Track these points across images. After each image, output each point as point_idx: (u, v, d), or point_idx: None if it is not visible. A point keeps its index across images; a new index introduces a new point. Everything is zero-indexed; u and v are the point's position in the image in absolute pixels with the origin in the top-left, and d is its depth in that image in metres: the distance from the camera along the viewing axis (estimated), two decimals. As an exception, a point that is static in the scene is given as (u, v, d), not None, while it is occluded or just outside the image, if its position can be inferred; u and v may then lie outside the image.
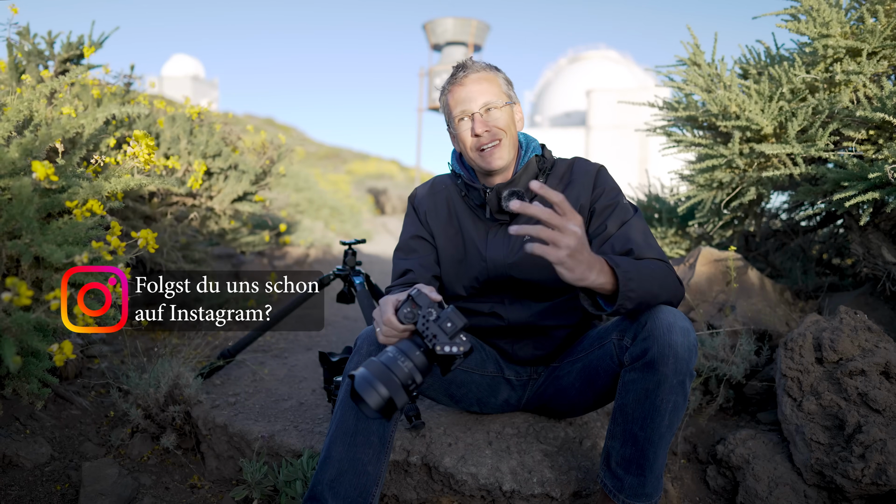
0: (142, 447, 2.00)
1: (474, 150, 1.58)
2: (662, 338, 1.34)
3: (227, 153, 3.44)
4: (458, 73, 1.59)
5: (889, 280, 2.27)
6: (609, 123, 23.63)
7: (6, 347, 1.26)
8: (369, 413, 1.20)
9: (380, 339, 1.33)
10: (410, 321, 1.27)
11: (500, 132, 1.56)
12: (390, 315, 1.29)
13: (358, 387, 1.19)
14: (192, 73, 35.02)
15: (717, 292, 2.48)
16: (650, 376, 1.36)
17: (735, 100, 2.37)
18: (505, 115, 1.57)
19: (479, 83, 1.56)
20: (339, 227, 9.87)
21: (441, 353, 1.23)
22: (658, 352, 1.34)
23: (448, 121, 1.64)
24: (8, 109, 1.60)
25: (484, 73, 1.58)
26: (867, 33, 2.20)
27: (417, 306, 1.27)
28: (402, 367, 1.21)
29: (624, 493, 1.45)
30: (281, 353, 2.91)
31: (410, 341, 1.27)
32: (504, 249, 1.63)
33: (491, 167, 1.58)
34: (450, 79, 1.61)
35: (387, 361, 1.22)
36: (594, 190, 1.61)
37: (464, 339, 1.24)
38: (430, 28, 21.81)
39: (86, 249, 1.46)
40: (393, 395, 1.19)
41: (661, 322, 1.35)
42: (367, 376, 1.19)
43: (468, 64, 1.60)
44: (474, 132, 1.55)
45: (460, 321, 1.24)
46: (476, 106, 1.55)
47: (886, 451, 1.55)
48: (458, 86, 1.58)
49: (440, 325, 1.24)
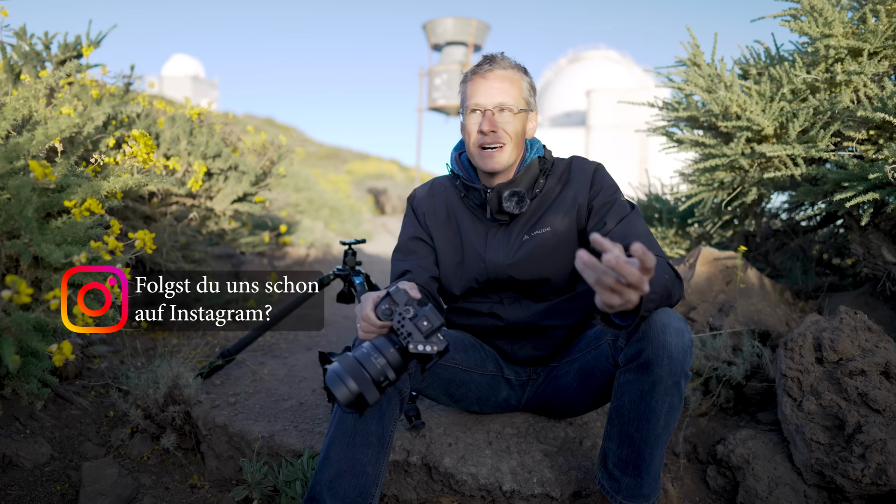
0: (142, 447, 2.00)
1: (476, 147, 1.57)
2: (657, 339, 1.33)
3: (227, 154, 3.44)
4: (484, 64, 1.57)
5: (889, 280, 2.27)
6: (609, 123, 23.62)
7: (5, 347, 1.26)
8: (343, 408, 1.21)
9: (360, 334, 1.33)
10: (387, 318, 1.27)
11: (506, 137, 1.55)
12: (369, 311, 1.29)
13: (329, 381, 1.20)
14: (192, 73, 35.01)
15: (717, 292, 2.47)
16: (645, 377, 1.36)
17: (736, 100, 2.37)
18: (516, 122, 1.56)
19: (501, 81, 1.55)
20: (339, 227, 9.87)
21: (413, 352, 1.23)
22: (652, 353, 1.34)
23: (462, 108, 1.63)
24: (6, 109, 1.60)
25: (510, 73, 1.56)
26: (868, 33, 2.20)
27: (395, 303, 1.27)
28: (374, 364, 1.21)
29: (621, 495, 1.45)
30: (281, 353, 2.91)
31: (386, 338, 1.27)
32: (503, 250, 1.62)
33: (487, 169, 1.58)
34: (475, 67, 1.58)
35: (360, 357, 1.22)
36: (592, 188, 1.60)
37: (440, 339, 1.23)
38: (430, 28, 21.80)
39: (84, 249, 1.46)
40: (363, 390, 1.19)
41: (656, 323, 1.34)
42: (339, 371, 1.20)
43: (497, 59, 1.57)
44: (481, 128, 1.54)
45: (437, 320, 1.24)
46: (491, 103, 1.54)
47: (886, 451, 1.55)
48: (480, 77, 1.56)
49: (416, 323, 1.24)
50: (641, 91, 20.90)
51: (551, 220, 1.61)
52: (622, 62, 28.99)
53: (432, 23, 21.74)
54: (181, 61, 35.92)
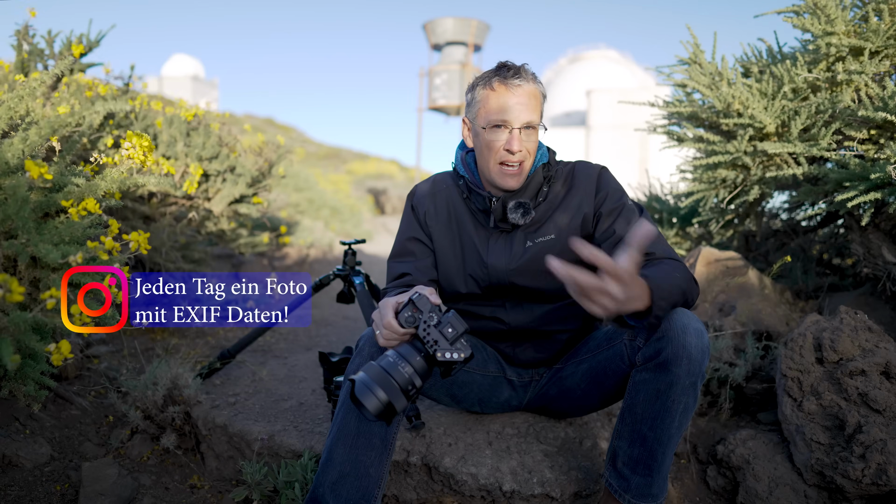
0: (141, 447, 2.00)
1: (497, 164, 1.53)
2: (677, 339, 1.33)
3: (224, 155, 3.44)
4: (512, 76, 1.50)
5: (889, 280, 2.26)
6: (609, 123, 23.60)
7: (4, 347, 1.25)
8: (369, 417, 1.20)
9: (380, 342, 1.32)
10: (411, 325, 1.26)
11: (528, 155, 1.53)
12: (390, 318, 1.28)
13: (357, 392, 1.19)
14: (192, 73, 34.99)
15: (717, 292, 2.47)
16: (663, 377, 1.35)
17: (738, 97, 2.36)
18: (536, 137, 1.54)
19: (529, 97, 1.50)
20: (339, 228, 9.87)
21: (442, 360, 1.23)
22: (672, 353, 1.33)
23: (475, 115, 1.56)
24: (1, 108, 1.59)
25: (534, 88, 1.52)
26: (871, 32, 2.20)
27: (418, 310, 1.26)
28: (402, 372, 1.21)
29: (630, 493, 1.44)
30: (281, 353, 2.91)
31: (410, 345, 1.26)
32: (506, 256, 1.61)
33: (506, 188, 1.55)
34: (500, 77, 1.51)
35: (386, 366, 1.21)
36: (597, 194, 1.59)
37: (464, 344, 1.24)
38: (430, 28, 21.80)
39: (81, 249, 1.45)
40: (392, 399, 1.18)
41: (676, 323, 1.34)
42: (367, 381, 1.19)
43: (523, 72, 1.51)
44: (509, 147, 1.50)
45: (461, 326, 1.24)
46: (519, 121, 1.49)
47: (887, 451, 1.54)
48: (508, 89, 1.49)
49: (441, 330, 1.23)
50: (642, 91, 20.86)
51: (554, 226, 1.59)
52: (622, 62, 28.97)
53: (432, 23, 21.74)
54: (181, 61, 35.91)
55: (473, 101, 1.57)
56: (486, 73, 1.56)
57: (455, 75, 20.88)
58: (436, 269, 1.69)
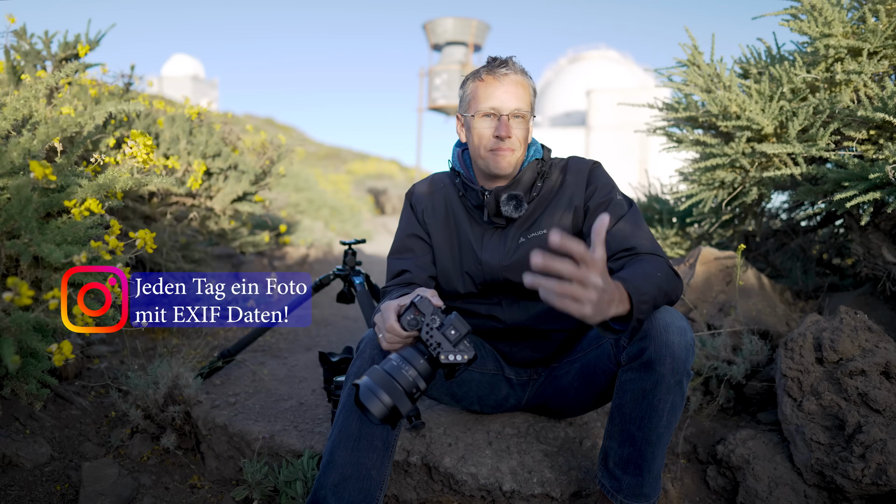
0: (142, 447, 2.00)
1: (487, 150, 1.56)
2: (659, 337, 1.33)
3: (226, 153, 3.44)
4: (499, 67, 1.54)
5: (889, 280, 2.27)
6: (609, 123, 23.61)
7: (5, 347, 1.25)
8: (374, 421, 1.20)
9: (382, 345, 1.32)
10: (414, 328, 1.26)
11: (518, 145, 1.55)
12: (393, 322, 1.28)
13: (362, 397, 1.19)
14: (192, 73, 34.99)
15: (717, 292, 2.47)
16: (647, 376, 1.36)
17: (735, 100, 2.37)
18: (525, 126, 1.56)
19: (516, 86, 1.54)
20: (339, 227, 9.87)
21: (445, 362, 1.23)
22: (655, 351, 1.33)
23: (466, 107, 1.60)
24: (6, 109, 1.60)
25: (522, 79, 1.56)
26: (868, 33, 2.20)
27: (421, 313, 1.26)
28: (405, 376, 1.21)
29: (622, 494, 1.44)
30: (281, 353, 2.91)
31: (414, 348, 1.26)
32: (500, 252, 1.61)
33: (500, 171, 1.56)
34: (487, 68, 1.55)
35: (390, 370, 1.21)
36: (587, 188, 1.59)
37: (468, 346, 1.24)
38: (430, 28, 21.81)
39: (84, 249, 1.46)
40: (397, 403, 1.18)
41: (658, 322, 1.34)
42: (371, 385, 1.19)
43: (510, 63, 1.56)
44: (498, 133, 1.52)
45: (464, 328, 1.24)
46: (508, 109, 1.52)
47: (887, 451, 1.55)
48: (495, 79, 1.53)
49: (444, 332, 1.23)
50: (641, 91, 20.89)
51: (548, 221, 1.60)
52: (622, 62, 28.99)
53: (432, 23, 21.75)
54: (181, 61, 35.91)
55: (465, 95, 1.61)
56: (476, 69, 1.60)
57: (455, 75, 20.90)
58: (434, 265, 1.69)
